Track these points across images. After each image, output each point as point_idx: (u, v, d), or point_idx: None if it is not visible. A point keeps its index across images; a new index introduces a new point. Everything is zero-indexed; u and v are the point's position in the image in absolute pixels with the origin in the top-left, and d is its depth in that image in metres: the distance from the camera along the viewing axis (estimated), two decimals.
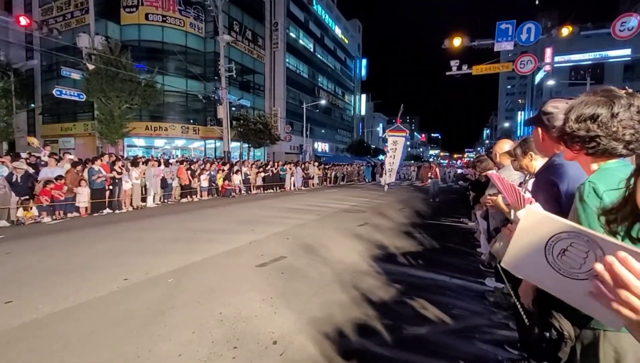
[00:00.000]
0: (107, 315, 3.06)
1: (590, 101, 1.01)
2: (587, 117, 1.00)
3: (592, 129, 0.99)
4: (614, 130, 0.97)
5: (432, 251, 5.65)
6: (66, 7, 24.19)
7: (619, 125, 0.96)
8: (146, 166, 10.69)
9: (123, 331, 2.76)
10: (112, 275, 4.09)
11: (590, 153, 1.04)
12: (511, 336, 2.74)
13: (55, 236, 6.42)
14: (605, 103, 0.98)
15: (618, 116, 0.96)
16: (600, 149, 1.01)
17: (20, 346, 2.54)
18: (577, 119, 1.02)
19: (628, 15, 12.87)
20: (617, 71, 38.21)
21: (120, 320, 2.95)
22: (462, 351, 2.60)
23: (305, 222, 7.97)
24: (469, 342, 2.72)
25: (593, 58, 27.12)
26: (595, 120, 0.98)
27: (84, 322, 2.92)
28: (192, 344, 2.57)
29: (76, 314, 3.08)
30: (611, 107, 0.97)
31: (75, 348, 2.50)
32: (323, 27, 44.07)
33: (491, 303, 3.48)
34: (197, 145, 27.72)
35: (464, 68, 16.97)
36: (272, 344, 2.58)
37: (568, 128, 1.05)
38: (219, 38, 18.28)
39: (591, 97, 1.02)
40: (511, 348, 2.58)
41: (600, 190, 0.96)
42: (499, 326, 2.99)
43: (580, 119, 1.01)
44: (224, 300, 3.38)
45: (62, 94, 17.01)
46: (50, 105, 24.33)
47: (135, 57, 19.07)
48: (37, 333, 2.72)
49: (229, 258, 4.88)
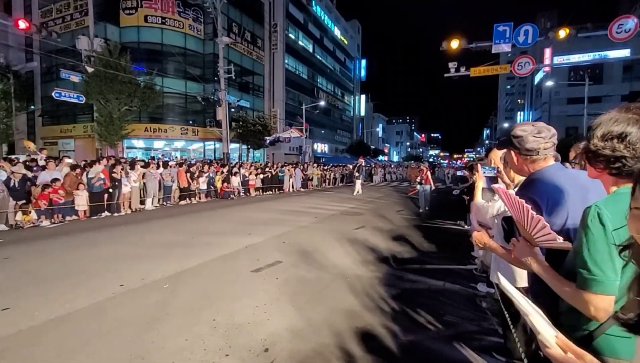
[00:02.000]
0: (102, 322, 3.10)
1: (620, 118, 0.94)
2: (615, 136, 0.93)
3: (619, 148, 0.93)
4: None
5: (427, 254, 5.68)
6: (65, 9, 24.25)
7: None
8: (145, 169, 10.73)
9: (117, 339, 2.80)
10: (109, 280, 4.13)
11: (614, 174, 0.97)
12: (500, 342, 2.78)
13: (54, 240, 6.46)
14: (636, 122, 0.91)
15: None
16: (625, 171, 0.93)
17: (15, 355, 2.58)
18: (603, 137, 0.95)
19: (625, 17, 12.90)
20: (616, 71, 38.22)
21: (115, 328, 2.99)
22: (451, 358, 2.64)
23: (303, 225, 8.01)
24: (457, 348, 2.76)
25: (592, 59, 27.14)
26: (623, 140, 0.92)
27: (79, 330, 2.96)
28: (184, 352, 2.61)
29: (72, 321, 3.12)
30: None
31: (69, 358, 2.54)
32: (322, 28, 44.12)
33: (483, 309, 3.52)
34: (197, 146, 27.77)
35: (462, 70, 17.02)
36: (263, 351, 2.62)
37: (593, 146, 0.97)
38: (218, 40, 18.32)
39: (622, 114, 0.94)
40: (499, 354, 2.61)
41: (604, 216, 0.91)
42: (488, 332, 3.03)
43: (607, 137, 0.94)
44: (218, 307, 3.42)
45: (62, 96, 17.08)
46: (50, 107, 24.43)
47: (134, 59, 19.12)
48: (32, 342, 2.76)
49: (224, 263, 4.92)
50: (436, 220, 9.09)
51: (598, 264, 0.91)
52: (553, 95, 40.98)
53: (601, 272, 0.91)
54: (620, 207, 0.90)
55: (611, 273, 0.91)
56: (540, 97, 46.39)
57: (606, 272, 0.91)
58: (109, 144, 18.14)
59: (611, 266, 0.91)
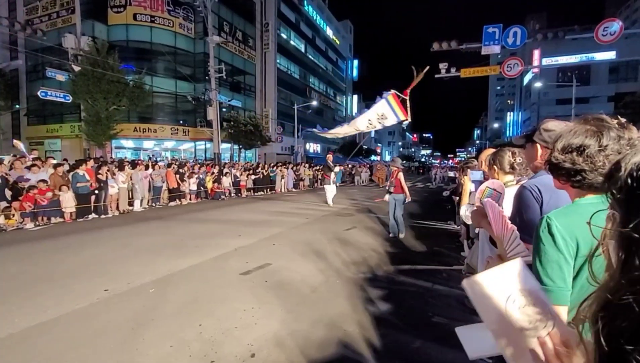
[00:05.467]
0: (85, 328, 3.02)
1: (579, 130, 0.94)
2: (574, 149, 0.93)
3: (578, 162, 0.93)
4: (600, 165, 0.90)
5: (417, 255, 5.71)
6: (52, 6, 23.72)
7: (606, 160, 0.89)
8: (133, 170, 10.56)
9: (99, 346, 2.73)
10: (93, 285, 4.04)
11: (575, 186, 0.98)
12: None
13: (38, 243, 6.31)
14: (594, 134, 0.91)
15: (606, 150, 0.89)
16: (586, 184, 0.94)
17: None
18: (563, 150, 0.96)
19: (610, 20, 13.19)
20: (602, 73, 39.04)
21: (98, 334, 2.91)
22: (439, 359, 2.64)
23: (294, 226, 7.97)
24: (446, 350, 2.76)
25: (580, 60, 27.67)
26: (582, 152, 0.92)
27: (61, 337, 2.88)
28: (169, 358, 2.56)
29: (54, 328, 3.03)
30: (599, 139, 0.90)
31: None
32: (314, 27, 44.04)
33: (470, 310, 3.53)
34: (187, 146, 27.49)
35: (453, 70, 17.20)
36: (249, 357, 2.58)
37: (554, 159, 0.98)
38: (209, 39, 18.15)
39: (581, 126, 0.95)
40: None
41: (553, 227, 0.92)
42: None
43: (566, 150, 0.95)
44: (205, 311, 3.37)
45: (48, 95, 16.73)
46: (36, 106, 23.84)
47: (123, 57, 18.82)
48: (10, 350, 2.67)
49: (213, 266, 4.86)
50: (427, 221, 9.14)
51: (548, 274, 0.93)
52: (542, 96, 41.68)
53: (551, 282, 0.92)
54: (574, 219, 0.91)
55: (561, 283, 0.92)
56: (530, 98, 47.12)
57: (556, 282, 0.92)
58: (97, 144, 17.84)
59: (560, 275, 0.92)
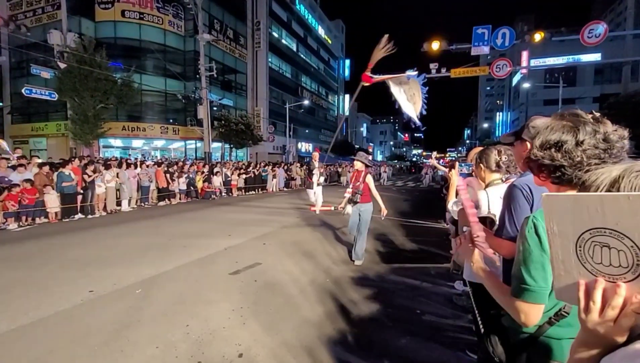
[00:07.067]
0: (68, 331, 2.96)
1: (556, 126, 0.94)
2: (552, 145, 0.93)
3: (557, 158, 0.92)
4: (578, 160, 0.89)
5: (407, 253, 5.74)
6: (36, 2, 23.14)
7: (583, 155, 0.89)
8: (120, 169, 10.38)
9: (83, 348, 2.67)
10: (78, 286, 3.95)
11: (555, 183, 0.97)
12: (473, 340, 2.82)
13: (21, 244, 6.15)
14: (570, 129, 0.92)
15: (583, 145, 0.89)
16: (565, 180, 0.94)
17: None
18: (541, 146, 0.95)
19: (596, 22, 13.48)
20: (588, 74, 39.93)
21: (82, 337, 2.85)
22: (425, 356, 2.65)
23: (285, 225, 7.94)
24: (433, 347, 2.78)
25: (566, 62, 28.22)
26: (560, 148, 0.92)
27: (42, 340, 2.81)
28: (155, 359, 2.52)
29: (35, 331, 2.96)
30: (576, 134, 0.90)
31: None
32: (306, 27, 43.95)
33: (458, 307, 3.56)
34: (177, 146, 27.15)
35: (443, 71, 17.36)
36: (237, 357, 2.56)
37: (533, 156, 0.98)
38: (199, 37, 17.94)
39: (557, 122, 0.95)
40: (472, 352, 2.65)
41: (540, 229, 0.92)
42: (462, 330, 3.07)
43: (545, 146, 0.95)
44: (192, 312, 3.33)
45: (33, 93, 16.27)
46: (20, 104, 23.25)
47: (111, 55, 18.43)
48: None
49: (202, 266, 4.80)
50: (418, 218, 9.20)
51: (531, 274, 0.94)
52: (530, 96, 42.43)
53: (534, 282, 0.93)
54: None
55: (542, 283, 0.93)
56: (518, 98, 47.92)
57: (538, 282, 0.93)
58: (84, 143, 17.45)
59: (543, 276, 0.93)
